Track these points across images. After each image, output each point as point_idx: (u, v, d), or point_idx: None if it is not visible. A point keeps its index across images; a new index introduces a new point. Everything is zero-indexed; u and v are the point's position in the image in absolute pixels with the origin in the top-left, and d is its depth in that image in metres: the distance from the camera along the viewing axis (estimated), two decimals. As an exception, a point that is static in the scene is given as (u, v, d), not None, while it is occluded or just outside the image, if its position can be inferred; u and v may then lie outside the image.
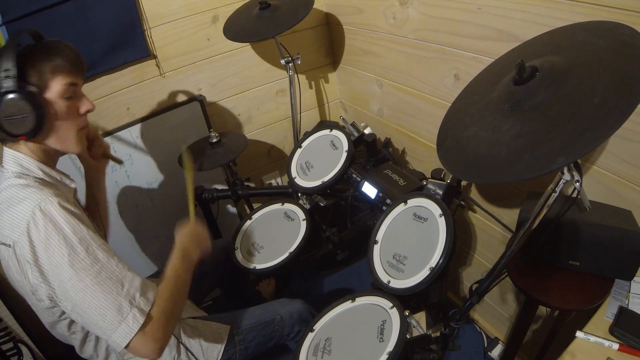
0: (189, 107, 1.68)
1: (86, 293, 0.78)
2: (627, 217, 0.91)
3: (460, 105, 0.88)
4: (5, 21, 1.26)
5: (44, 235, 0.76)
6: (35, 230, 0.76)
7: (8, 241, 0.79)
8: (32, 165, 0.86)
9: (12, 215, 0.78)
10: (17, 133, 0.81)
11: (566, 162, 0.57)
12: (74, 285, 0.77)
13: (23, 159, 0.85)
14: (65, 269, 0.77)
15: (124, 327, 0.79)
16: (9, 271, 0.84)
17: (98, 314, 0.78)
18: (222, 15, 1.61)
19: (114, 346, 0.80)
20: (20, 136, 0.82)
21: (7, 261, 0.82)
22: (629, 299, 0.87)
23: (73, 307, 0.79)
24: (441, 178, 1.18)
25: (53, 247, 0.77)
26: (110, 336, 0.79)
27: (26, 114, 0.79)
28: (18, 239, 0.77)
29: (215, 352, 1.10)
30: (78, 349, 0.97)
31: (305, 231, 1.30)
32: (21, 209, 0.78)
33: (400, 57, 1.48)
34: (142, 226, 1.74)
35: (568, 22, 0.79)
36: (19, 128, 0.80)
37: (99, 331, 0.80)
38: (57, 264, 0.77)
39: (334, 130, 1.46)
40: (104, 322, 0.78)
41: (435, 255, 0.94)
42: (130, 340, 0.79)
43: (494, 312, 1.60)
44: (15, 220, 0.77)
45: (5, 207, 0.79)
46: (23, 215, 0.77)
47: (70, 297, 0.78)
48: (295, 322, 1.21)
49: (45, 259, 0.77)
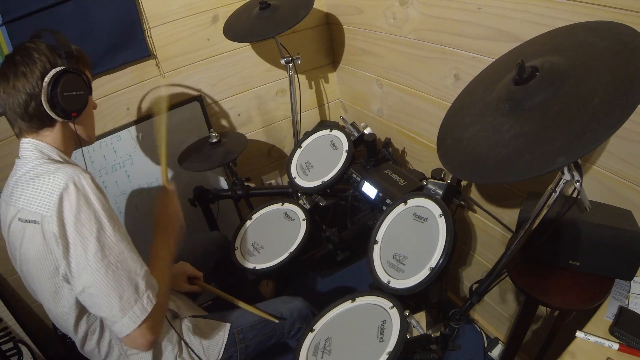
0: (189, 107, 1.68)
1: (108, 270, 0.79)
2: (627, 217, 0.91)
3: (460, 105, 0.88)
4: (5, 21, 1.26)
5: (75, 208, 0.78)
6: (68, 203, 0.78)
7: (35, 217, 0.79)
8: (52, 152, 0.88)
9: (42, 188, 0.79)
10: (72, 109, 0.87)
11: (566, 162, 0.57)
12: (97, 262, 0.79)
13: (44, 147, 0.88)
14: (92, 244, 0.79)
15: (138, 307, 0.81)
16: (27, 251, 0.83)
17: (116, 292, 0.80)
18: (222, 15, 1.61)
19: (122, 329, 0.81)
20: (73, 112, 0.88)
21: (29, 240, 0.82)
22: (629, 299, 0.87)
23: (86, 286, 0.80)
24: (441, 178, 1.18)
25: (83, 221, 0.78)
26: (122, 317, 0.80)
27: (81, 91, 0.89)
28: (47, 213, 0.78)
29: (216, 350, 1.10)
30: (80, 345, 0.97)
31: (305, 231, 1.30)
32: (53, 181, 0.79)
33: (400, 57, 1.48)
34: (142, 226, 1.74)
35: (568, 22, 0.79)
36: (74, 104, 0.88)
37: (111, 312, 0.81)
38: (84, 237, 0.78)
39: (334, 130, 1.46)
40: (120, 300, 0.80)
41: (435, 255, 0.94)
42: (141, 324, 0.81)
43: (494, 312, 1.60)
44: (46, 193, 0.79)
45: (32, 184, 0.81)
46: (55, 188, 0.78)
47: (88, 274, 0.79)
48: (295, 320, 1.21)
49: (73, 232, 0.78)
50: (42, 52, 0.85)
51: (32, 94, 0.83)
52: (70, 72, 0.86)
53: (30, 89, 0.83)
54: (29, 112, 0.85)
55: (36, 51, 0.85)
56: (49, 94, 0.83)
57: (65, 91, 0.85)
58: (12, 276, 1.53)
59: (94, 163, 1.56)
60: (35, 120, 0.86)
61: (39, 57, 0.84)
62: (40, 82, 0.83)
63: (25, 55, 0.84)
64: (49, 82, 0.83)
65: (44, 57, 0.84)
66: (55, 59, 0.86)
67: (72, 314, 0.89)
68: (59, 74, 0.84)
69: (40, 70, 0.83)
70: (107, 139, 1.55)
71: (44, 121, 0.87)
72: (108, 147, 1.57)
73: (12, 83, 0.83)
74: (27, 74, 0.83)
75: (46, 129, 0.88)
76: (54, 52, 0.86)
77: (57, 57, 0.86)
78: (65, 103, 0.85)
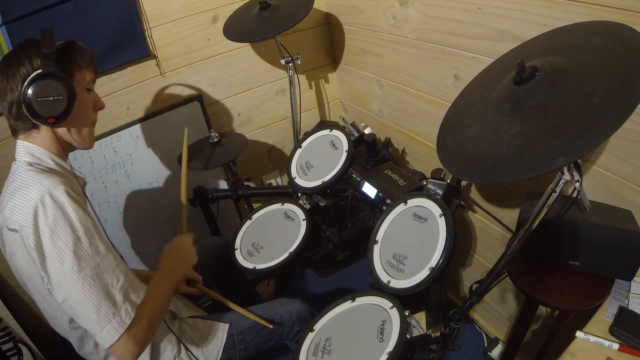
0: (189, 107, 1.68)
1: (85, 283, 0.78)
2: (627, 217, 0.91)
3: (460, 105, 0.88)
4: (5, 21, 1.26)
5: (51, 220, 0.77)
6: (43, 215, 0.77)
7: (15, 226, 0.79)
8: (43, 155, 0.87)
9: (21, 199, 0.79)
10: (48, 115, 0.83)
11: (566, 162, 0.57)
12: (73, 275, 0.78)
13: (35, 149, 0.87)
14: (68, 257, 0.78)
15: (116, 321, 0.80)
16: (14, 259, 0.84)
17: (93, 306, 0.79)
18: (222, 15, 1.61)
19: (102, 342, 0.81)
20: (49, 118, 0.83)
21: (14, 247, 0.82)
22: (629, 299, 0.87)
23: (66, 297, 0.79)
24: (441, 178, 1.18)
25: (59, 233, 0.77)
26: (101, 330, 0.79)
27: (60, 96, 0.83)
28: (24, 223, 0.77)
29: (214, 351, 1.10)
30: (77, 347, 0.97)
31: (305, 231, 1.30)
32: (29, 193, 0.78)
33: (400, 57, 1.48)
34: (142, 226, 1.74)
35: (568, 22, 0.79)
36: (51, 110, 0.82)
37: (90, 324, 0.80)
38: (60, 250, 0.77)
39: (334, 130, 1.46)
40: (97, 314, 0.79)
41: (435, 255, 0.94)
42: (120, 337, 0.80)
43: (494, 312, 1.60)
44: (24, 204, 0.78)
45: (16, 193, 0.81)
46: (31, 199, 0.78)
47: (66, 286, 0.78)
48: (294, 322, 1.21)
49: (49, 244, 0.77)
50: (28, 53, 0.82)
51: (13, 97, 0.82)
52: (46, 75, 0.81)
53: (11, 92, 0.82)
54: (14, 114, 0.84)
55: (24, 52, 0.82)
56: (25, 98, 0.80)
57: (39, 97, 0.80)
58: (12, 276, 1.52)
59: (94, 163, 1.56)
60: (21, 123, 0.85)
61: (25, 59, 0.82)
62: (21, 85, 0.81)
63: (14, 56, 0.82)
64: (27, 85, 0.80)
65: (27, 60, 0.81)
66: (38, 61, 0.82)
67: (65, 319, 0.89)
68: (34, 78, 0.80)
69: (22, 73, 0.81)
70: (107, 139, 1.55)
71: (29, 124, 0.86)
72: (108, 147, 1.57)
73: (2, 84, 0.82)
74: (10, 77, 0.82)
75: (33, 130, 0.87)
76: (38, 53, 0.82)
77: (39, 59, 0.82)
78: (40, 109, 0.81)
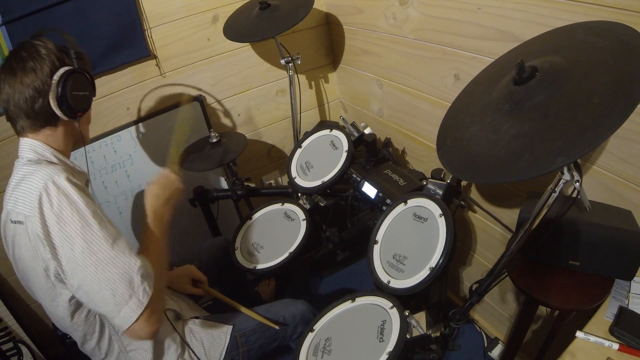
0: (189, 107, 1.67)
1: (98, 267, 0.78)
2: (627, 217, 0.91)
3: (460, 105, 0.88)
4: (5, 21, 1.26)
5: (57, 207, 0.77)
6: (48, 203, 0.77)
7: (20, 218, 0.79)
8: (46, 151, 0.88)
9: (23, 190, 0.79)
10: (79, 109, 0.89)
11: (566, 162, 0.57)
12: (85, 259, 0.77)
13: (38, 146, 0.87)
14: (78, 242, 0.77)
15: (134, 302, 0.79)
16: (19, 251, 0.83)
17: (109, 289, 0.78)
18: (222, 15, 1.61)
19: (121, 324, 0.80)
20: (79, 112, 0.89)
21: (18, 240, 0.82)
22: (629, 299, 0.87)
23: (80, 284, 0.79)
24: (441, 178, 1.18)
25: (66, 219, 0.77)
26: (119, 312, 0.79)
27: (87, 92, 0.92)
28: (30, 213, 0.77)
29: (217, 352, 1.10)
30: (80, 343, 0.97)
31: (305, 231, 1.30)
32: (32, 182, 0.79)
33: (400, 57, 1.48)
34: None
35: (568, 22, 0.79)
36: (82, 104, 0.90)
37: (107, 308, 0.79)
38: (69, 236, 0.77)
39: (334, 130, 1.46)
40: (114, 297, 0.78)
41: (435, 255, 0.94)
42: (139, 316, 0.79)
43: (494, 312, 1.60)
44: (27, 194, 0.78)
45: (19, 185, 0.81)
46: (34, 189, 0.78)
47: (79, 272, 0.78)
48: (298, 323, 1.20)
49: (57, 232, 0.77)
50: (51, 49, 0.85)
51: (40, 90, 0.83)
52: (79, 72, 0.87)
53: (39, 85, 0.83)
54: (35, 108, 0.84)
55: (44, 48, 0.85)
56: (58, 92, 0.84)
57: (74, 90, 0.86)
58: (12, 276, 1.53)
59: (94, 163, 1.56)
60: (40, 118, 0.86)
61: (48, 54, 0.84)
62: (49, 79, 0.83)
63: (33, 52, 0.83)
64: (58, 80, 0.84)
65: (53, 55, 0.84)
66: (63, 58, 0.86)
67: (69, 314, 0.89)
68: (69, 73, 0.85)
69: (50, 67, 0.83)
70: (107, 139, 1.55)
71: (48, 119, 0.87)
72: (108, 147, 1.57)
73: (19, 78, 0.82)
74: (37, 69, 0.82)
75: (48, 127, 0.88)
76: (61, 51, 0.87)
77: (65, 56, 0.87)
78: (73, 102, 0.86)
